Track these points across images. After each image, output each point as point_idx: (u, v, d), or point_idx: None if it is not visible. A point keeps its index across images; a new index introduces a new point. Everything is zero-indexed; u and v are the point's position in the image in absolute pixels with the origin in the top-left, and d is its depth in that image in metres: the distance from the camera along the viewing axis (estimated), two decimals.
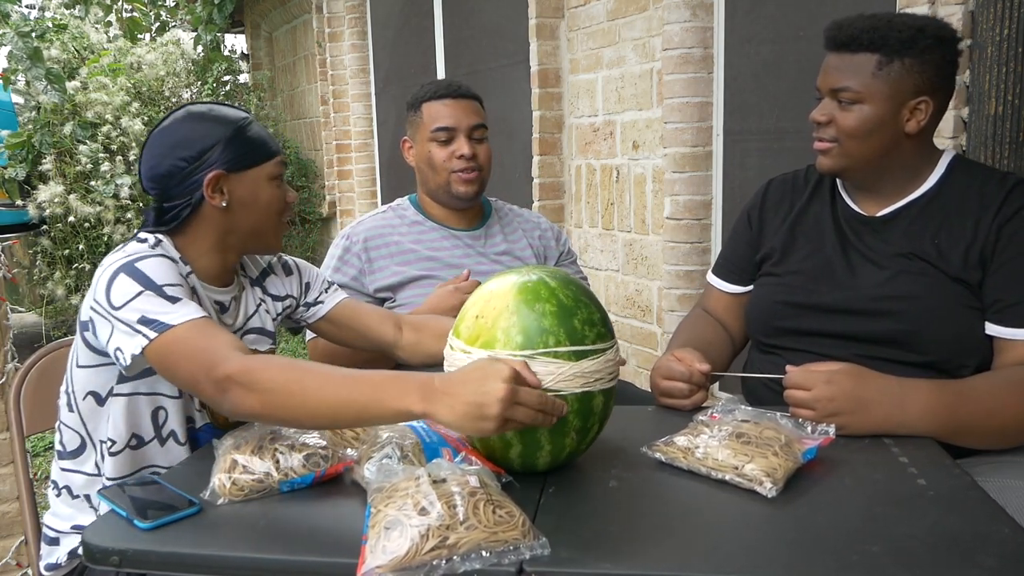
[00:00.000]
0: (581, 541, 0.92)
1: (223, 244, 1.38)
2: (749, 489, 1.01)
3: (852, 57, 1.34)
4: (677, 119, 2.96)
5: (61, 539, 1.37)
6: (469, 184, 1.84)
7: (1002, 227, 1.32)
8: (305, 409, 1.05)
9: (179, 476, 1.17)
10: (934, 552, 0.87)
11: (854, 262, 1.43)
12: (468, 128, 1.84)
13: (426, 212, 1.94)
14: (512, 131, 3.96)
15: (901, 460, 1.12)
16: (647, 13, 3.07)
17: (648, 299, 3.29)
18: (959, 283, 1.32)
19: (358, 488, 1.05)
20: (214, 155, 1.32)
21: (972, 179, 1.39)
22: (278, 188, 1.39)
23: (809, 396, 1.19)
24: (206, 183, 1.32)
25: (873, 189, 1.44)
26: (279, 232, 1.43)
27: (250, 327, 1.48)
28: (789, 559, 0.88)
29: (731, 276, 1.64)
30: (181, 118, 1.36)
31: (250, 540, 0.97)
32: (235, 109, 1.40)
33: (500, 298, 1.06)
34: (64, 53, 5.37)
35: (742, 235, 1.63)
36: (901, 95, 1.33)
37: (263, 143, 1.37)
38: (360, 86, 5.61)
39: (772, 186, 1.63)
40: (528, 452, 1.06)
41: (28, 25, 4.64)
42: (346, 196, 5.82)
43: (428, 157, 1.85)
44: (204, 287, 1.38)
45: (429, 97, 1.86)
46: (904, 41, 1.31)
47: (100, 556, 0.95)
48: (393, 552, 0.84)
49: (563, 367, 1.02)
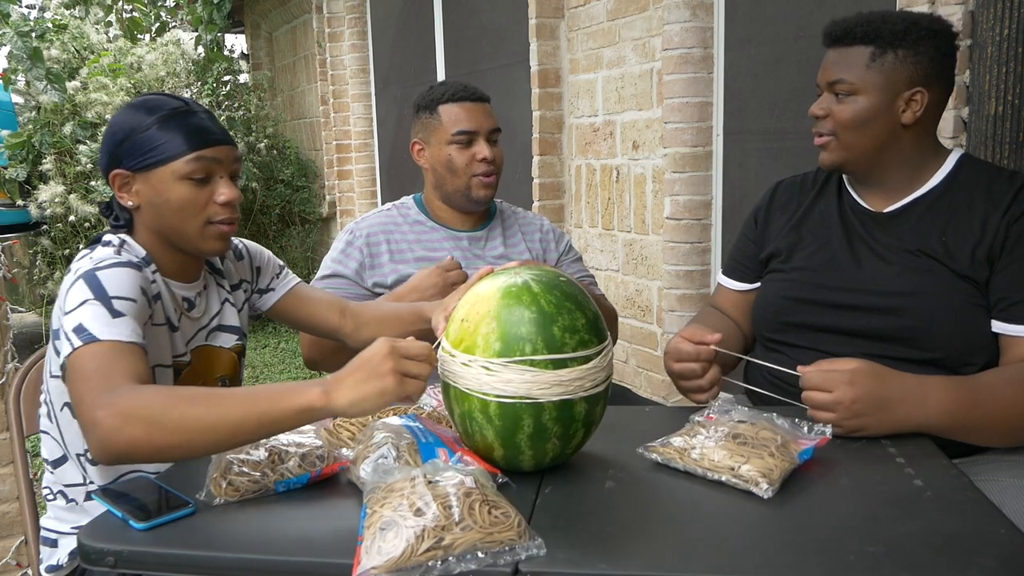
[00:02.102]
0: (577, 542, 0.91)
1: (167, 240, 1.33)
2: (745, 490, 1.01)
3: (847, 51, 1.38)
4: (677, 119, 2.96)
5: (60, 540, 1.37)
6: (489, 188, 1.85)
7: (1011, 225, 1.32)
8: (201, 427, 1.00)
9: (175, 476, 1.17)
10: (931, 552, 0.86)
11: (861, 256, 1.43)
12: (488, 131, 1.83)
13: (430, 212, 1.93)
14: (512, 131, 3.96)
15: (898, 460, 1.11)
16: (647, 13, 3.07)
17: (648, 299, 3.28)
18: (966, 280, 1.32)
19: (354, 489, 1.05)
20: (122, 150, 1.28)
21: (980, 177, 1.39)
22: (195, 187, 1.28)
23: (831, 399, 1.16)
24: (111, 180, 1.29)
25: (877, 184, 1.45)
26: (209, 235, 1.31)
27: (217, 324, 1.45)
28: (785, 560, 0.88)
29: (737, 274, 1.65)
30: (120, 110, 1.33)
31: (246, 541, 0.96)
32: (170, 98, 1.32)
33: (484, 302, 1.06)
34: (64, 53, 5.37)
35: (748, 234, 1.65)
36: (895, 86, 1.35)
37: (179, 139, 1.27)
38: (360, 86, 5.61)
39: (781, 187, 1.64)
40: (510, 456, 1.06)
41: (28, 25, 4.64)
42: (346, 196, 5.82)
43: (448, 160, 1.83)
44: (170, 283, 1.36)
45: (447, 99, 1.84)
46: (897, 33, 1.34)
47: (96, 557, 0.95)
48: (389, 553, 0.84)
49: (540, 375, 1.01)
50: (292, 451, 1.08)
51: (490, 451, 1.06)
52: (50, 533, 1.38)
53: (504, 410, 1.02)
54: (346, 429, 1.18)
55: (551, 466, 1.10)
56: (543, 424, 1.02)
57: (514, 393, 1.01)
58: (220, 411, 1.00)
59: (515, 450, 1.05)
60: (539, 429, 1.02)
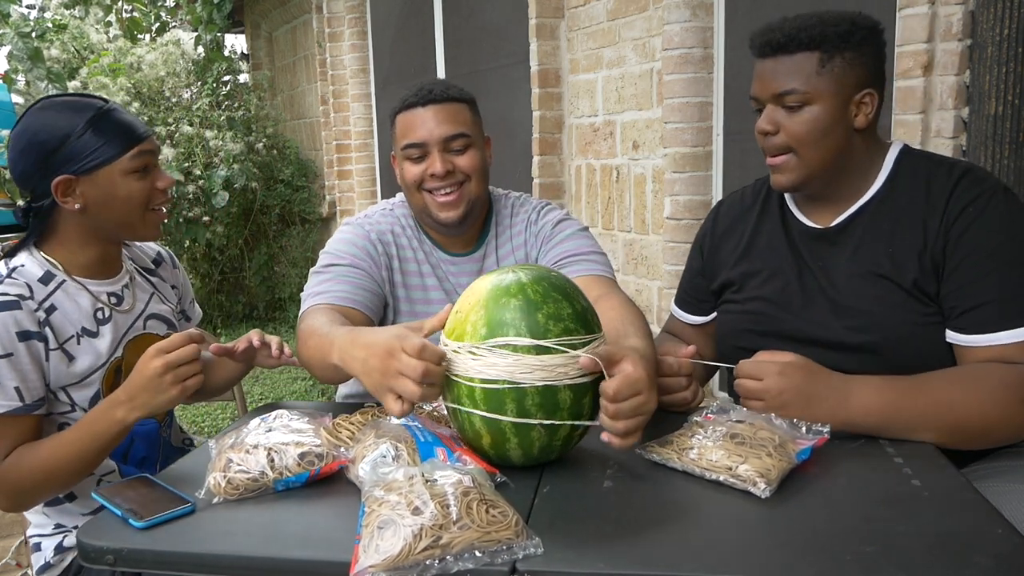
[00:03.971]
0: (575, 541, 0.92)
1: (95, 238, 1.36)
2: (743, 490, 1.01)
3: (791, 59, 1.30)
4: (677, 119, 2.96)
5: (43, 543, 1.39)
6: (450, 208, 1.53)
7: (950, 228, 1.26)
8: (57, 478, 1.26)
9: (174, 475, 1.17)
10: (929, 552, 0.87)
11: (809, 288, 1.38)
12: (440, 140, 1.51)
13: (422, 227, 1.65)
14: (512, 131, 3.96)
15: (896, 461, 1.11)
16: (647, 13, 3.07)
17: (648, 299, 3.28)
18: (918, 296, 1.28)
19: (352, 487, 1.06)
20: (61, 156, 1.28)
21: (919, 173, 1.34)
22: (140, 179, 1.34)
23: (760, 387, 1.20)
24: (54, 188, 1.28)
25: (826, 197, 1.39)
26: (150, 221, 1.38)
27: (150, 312, 1.47)
28: (783, 560, 0.88)
29: (690, 307, 1.62)
30: (32, 115, 1.32)
31: (244, 539, 0.97)
32: (91, 99, 1.34)
33: (475, 294, 1.10)
34: (64, 53, 5.38)
35: (694, 267, 1.60)
36: (847, 90, 1.30)
37: (116, 137, 1.31)
38: (360, 86, 5.61)
39: (722, 210, 1.58)
40: (498, 444, 1.07)
41: (28, 25, 4.65)
42: (346, 196, 5.83)
43: (403, 177, 1.57)
44: (89, 284, 1.37)
45: (400, 108, 1.57)
46: (841, 35, 1.28)
47: (95, 555, 0.95)
48: (386, 551, 0.84)
49: (522, 359, 1.03)
50: (291, 450, 1.08)
51: (479, 439, 1.08)
52: (34, 538, 1.40)
53: (488, 395, 1.04)
54: (345, 428, 1.18)
55: (541, 459, 1.10)
56: (526, 409, 1.03)
57: (497, 377, 1.03)
58: (61, 453, 1.25)
59: (501, 436, 1.06)
60: (522, 414, 1.03)
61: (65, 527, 1.39)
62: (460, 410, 1.07)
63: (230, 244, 5.77)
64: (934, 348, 1.27)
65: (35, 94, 4.95)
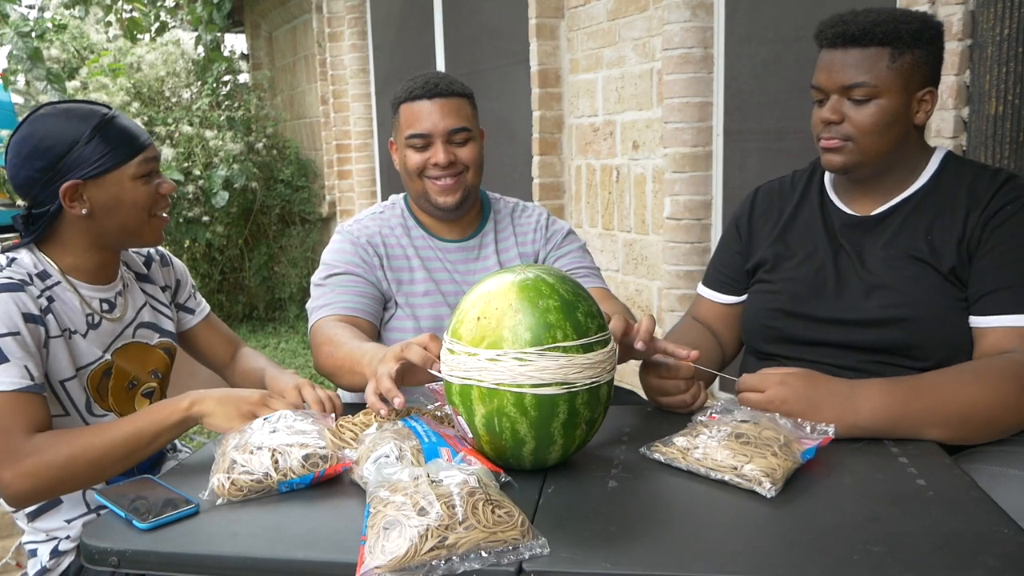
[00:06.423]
0: (580, 541, 0.91)
1: (97, 244, 1.37)
2: (748, 489, 1.01)
3: (863, 52, 1.33)
4: (677, 119, 2.96)
5: (38, 549, 1.38)
6: (448, 193, 1.65)
7: (988, 221, 1.32)
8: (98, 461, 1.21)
9: (178, 476, 1.17)
10: (934, 552, 0.87)
11: (845, 272, 1.41)
12: (444, 133, 1.64)
13: (417, 218, 1.75)
14: (512, 131, 3.96)
15: (901, 460, 1.12)
16: (647, 13, 3.07)
17: (648, 299, 3.28)
18: (952, 281, 1.32)
19: (357, 488, 1.06)
20: (68, 162, 1.29)
21: (964, 175, 1.39)
22: (145, 185, 1.35)
23: (763, 398, 1.20)
24: (62, 193, 1.29)
25: (871, 186, 1.44)
26: (154, 226, 1.40)
27: (140, 321, 1.47)
28: (788, 559, 0.88)
29: (722, 287, 1.63)
30: (35, 122, 1.32)
31: (249, 540, 0.96)
32: (94, 106, 1.35)
33: (500, 297, 1.05)
34: (64, 53, 5.38)
35: (732, 245, 1.62)
36: (912, 86, 1.34)
37: (123, 143, 1.32)
38: (360, 86, 5.61)
39: (759, 194, 1.62)
40: (541, 448, 1.06)
41: (28, 25, 4.64)
42: (346, 196, 5.82)
43: (404, 164, 1.69)
44: (83, 288, 1.37)
45: (405, 98, 1.71)
46: (913, 33, 1.32)
47: (99, 556, 0.95)
48: (392, 552, 0.84)
49: (574, 360, 1.02)
50: (295, 451, 1.08)
51: (519, 447, 1.06)
52: (30, 545, 1.40)
53: (540, 400, 1.02)
54: (349, 430, 1.18)
55: (568, 458, 1.11)
56: (576, 409, 1.04)
57: (551, 380, 1.02)
58: (110, 436, 1.22)
59: (548, 440, 1.05)
60: (572, 414, 1.04)
61: (56, 534, 1.38)
62: (503, 418, 1.03)
63: (230, 244, 5.77)
64: (957, 335, 1.31)
65: (34, 94, 4.94)
